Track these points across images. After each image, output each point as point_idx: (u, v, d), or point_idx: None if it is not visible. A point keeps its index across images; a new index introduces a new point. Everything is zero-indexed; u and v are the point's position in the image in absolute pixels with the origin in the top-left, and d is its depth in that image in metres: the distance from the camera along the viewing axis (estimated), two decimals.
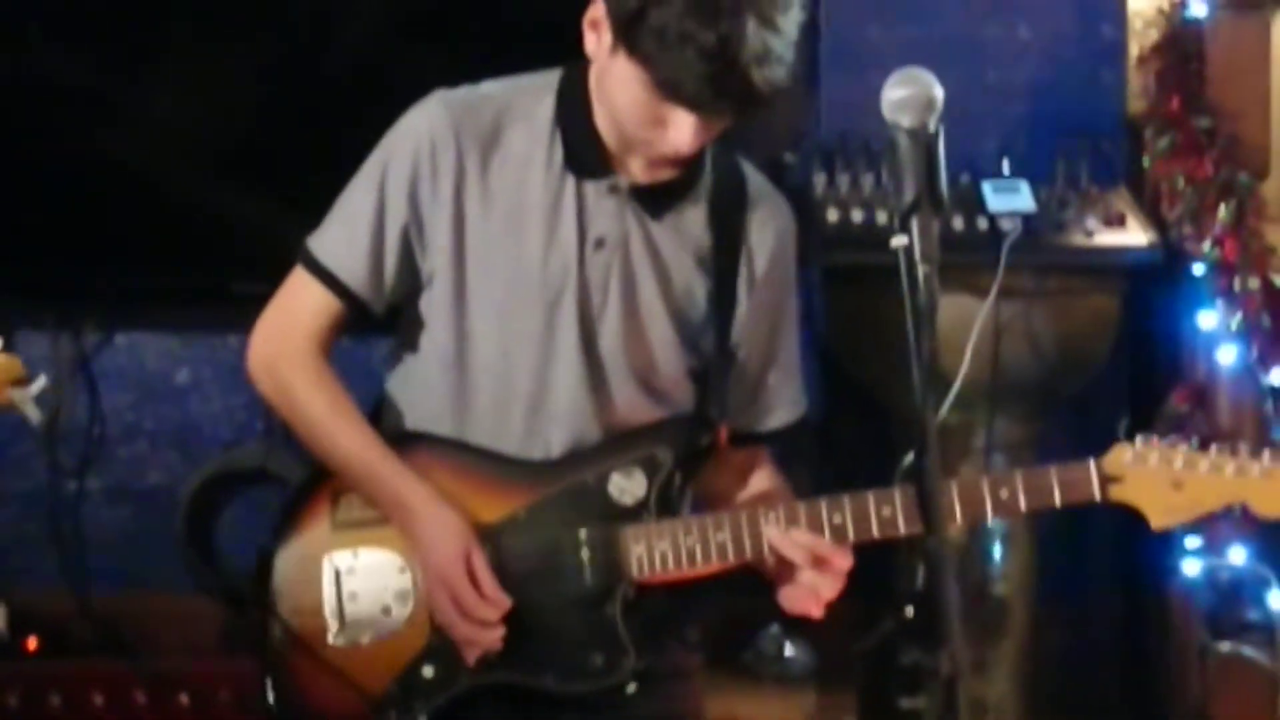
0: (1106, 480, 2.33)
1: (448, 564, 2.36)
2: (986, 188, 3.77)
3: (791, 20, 2.24)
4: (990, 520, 2.42)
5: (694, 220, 2.45)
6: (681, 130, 2.27)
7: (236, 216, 3.75)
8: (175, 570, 3.94)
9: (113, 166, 3.78)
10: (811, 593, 2.37)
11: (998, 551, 3.80)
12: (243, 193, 3.76)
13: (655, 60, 2.22)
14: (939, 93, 2.01)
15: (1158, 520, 2.34)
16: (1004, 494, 2.34)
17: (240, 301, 2.59)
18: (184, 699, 3.82)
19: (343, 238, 2.44)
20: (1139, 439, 2.34)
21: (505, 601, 2.36)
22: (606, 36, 2.29)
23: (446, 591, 2.37)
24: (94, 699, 3.82)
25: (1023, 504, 2.35)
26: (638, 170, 2.39)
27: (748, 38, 2.19)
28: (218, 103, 3.80)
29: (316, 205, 2.51)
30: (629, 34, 2.23)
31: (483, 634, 2.36)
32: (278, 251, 2.53)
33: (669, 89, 2.23)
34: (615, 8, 2.25)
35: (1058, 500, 2.34)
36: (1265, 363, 3.67)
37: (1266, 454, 2.31)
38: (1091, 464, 2.34)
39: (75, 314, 3.94)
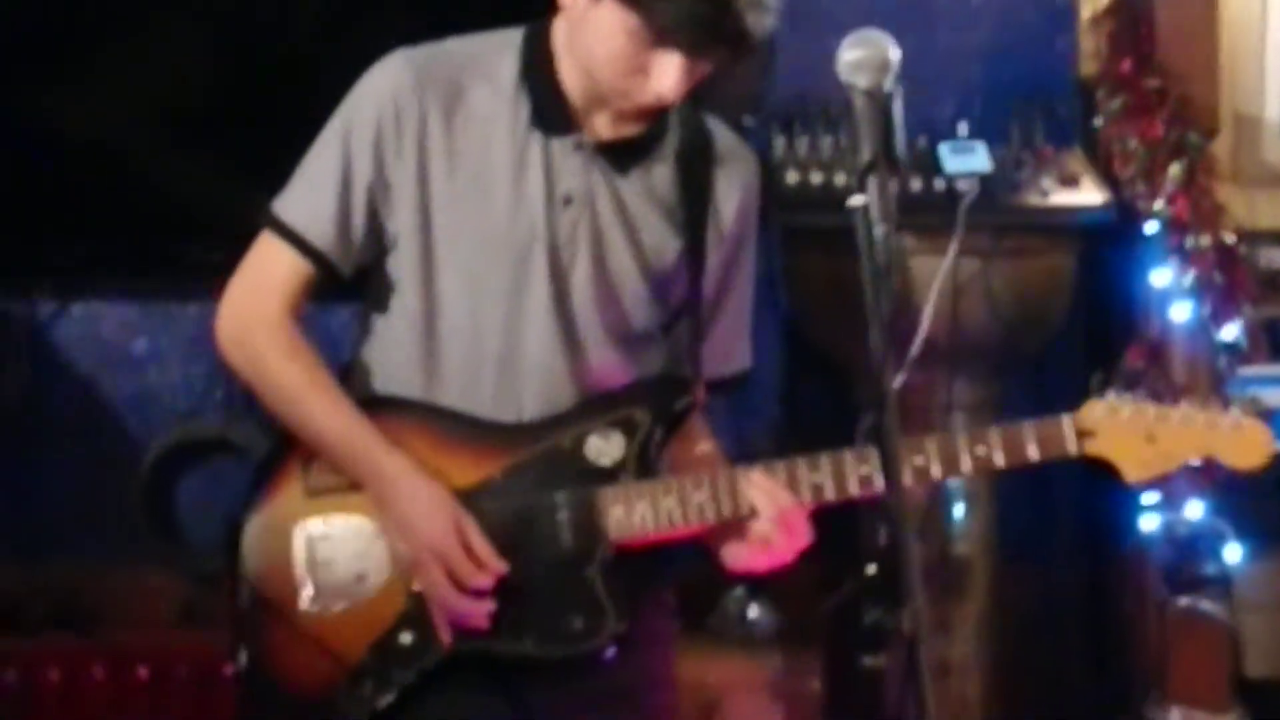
0: (1081, 435, 2.33)
1: (440, 536, 2.34)
2: (943, 149, 3.78)
3: None
4: (969, 476, 2.40)
5: (661, 177, 2.43)
6: (666, 77, 2.26)
7: (193, 183, 3.72)
8: (133, 542, 3.96)
9: (67, 133, 3.75)
10: (763, 545, 2.36)
11: (959, 511, 3.82)
12: (199, 159, 3.74)
13: (651, 7, 2.21)
14: (894, 53, 2.00)
15: (1132, 473, 2.34)
16: (980, 451, 2.33)
17: (198, 270, 2.58)
18: (143, 673, 3.79)
19: (309, 200, 2.42)
20: (1110, 393, 2.35)
21: (501, 567, 2.34)
22: None
23: (440, 564, 2.33)
24: (50, 674, 3.77)
25: (999, 460, 2.34)
26: (602, 127, 2.38)
27: None
28: (174, 67, 3.76)
29: (274, 171, 2.48)
30: None
31: (478, 605, 2.34)
32: (235, 219, 2.51)
33: (666, 35, 2.22)
34: None
35: (1034, 455, 2.33)
36: (1217, 319, 3.70)
37: (1235, 408, 2.33)
38: (1066, 419, 2.34)
39: (30, 284, 3.92)
